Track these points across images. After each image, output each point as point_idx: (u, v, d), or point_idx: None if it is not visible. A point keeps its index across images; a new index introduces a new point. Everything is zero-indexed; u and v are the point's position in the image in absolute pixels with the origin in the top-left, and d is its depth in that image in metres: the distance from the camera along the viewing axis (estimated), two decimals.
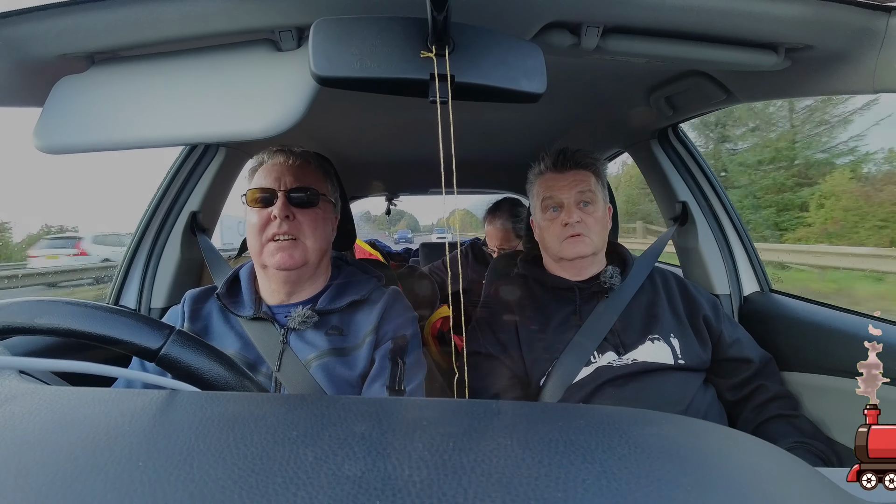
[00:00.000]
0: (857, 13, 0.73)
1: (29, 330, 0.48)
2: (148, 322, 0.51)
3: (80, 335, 0.48)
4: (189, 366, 0.49)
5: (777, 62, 0.83)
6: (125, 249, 1.40)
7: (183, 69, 0.70)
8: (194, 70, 0.69)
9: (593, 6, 0.71)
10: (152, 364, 0.49)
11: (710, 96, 1.16)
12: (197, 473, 0.29)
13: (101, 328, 0.49)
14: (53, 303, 0.50)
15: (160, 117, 0.67)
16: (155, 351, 0.49)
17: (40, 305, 0.49)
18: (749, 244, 1.49)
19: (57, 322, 0.48)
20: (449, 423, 0.36)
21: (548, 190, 1.13)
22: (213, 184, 1.43)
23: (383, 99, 1.37)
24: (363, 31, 0.57)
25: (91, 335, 0.48)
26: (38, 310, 0.49)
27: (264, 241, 0.92)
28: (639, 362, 1.03)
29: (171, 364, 0.49)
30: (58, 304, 0.49)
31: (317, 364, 0.90)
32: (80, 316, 0.49)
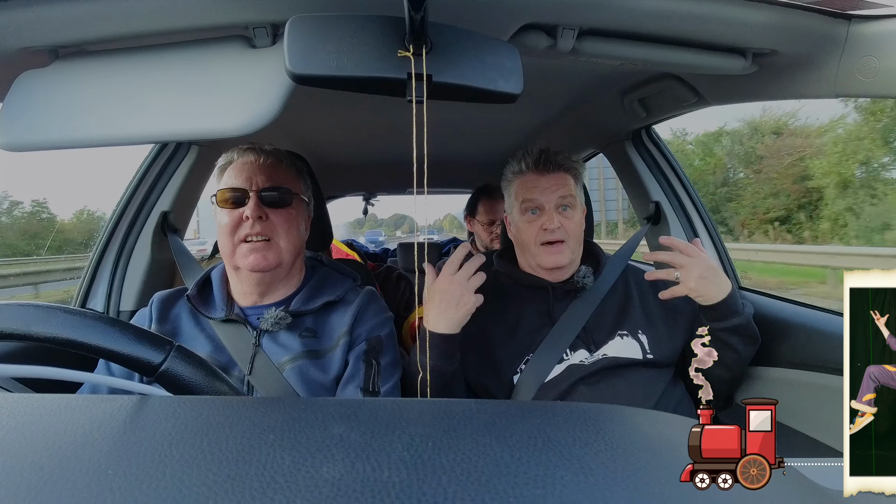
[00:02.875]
0: (820, 20, 0.76)
1: (24, 337, 0.46)
2: (149, 336, 0.49)
3: (77, 346, 0.46)
4: (189, 383, 0.48)
5: (745, 66, 0.86)
6: (92, 250, 1.35)
7: (153, 65, 0.68)
8: (165, 66, 0.68)
9: (569, 9, 0.72)
10: (119, 367, 0.48)
11: (682, 99, 1.19)
12: (170, 480, 0.28)
13: (100, 340, 0.47)
14: (51, 310, 0.47)
15: (129, 114, 0.65)
16: (156, 366, 0.47)
17: (37, 312, 0.47)
18: (719, 243, 1.53)
19: (54, 331, 0.46)
20: (428, 423, 0.36)
21: (528, 192, 1.12)
22: (184, 183, 1.40)
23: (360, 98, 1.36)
24: (340, 29, 0.56)
25: (90, 347, 0.46)
26: (35, 317, 0.47)
27: (236, 242, 0.90)
28: (608, 357, 1.05)
29: (170, 380, 0.48)
30: (56, 311, 0.47)
31: (290, 367, 0.89)
32: (80, 326, 0.47)
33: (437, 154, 2.33)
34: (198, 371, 0.49)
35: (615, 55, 0.82)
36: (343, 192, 3.12)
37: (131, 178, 1.37)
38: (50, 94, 0.67)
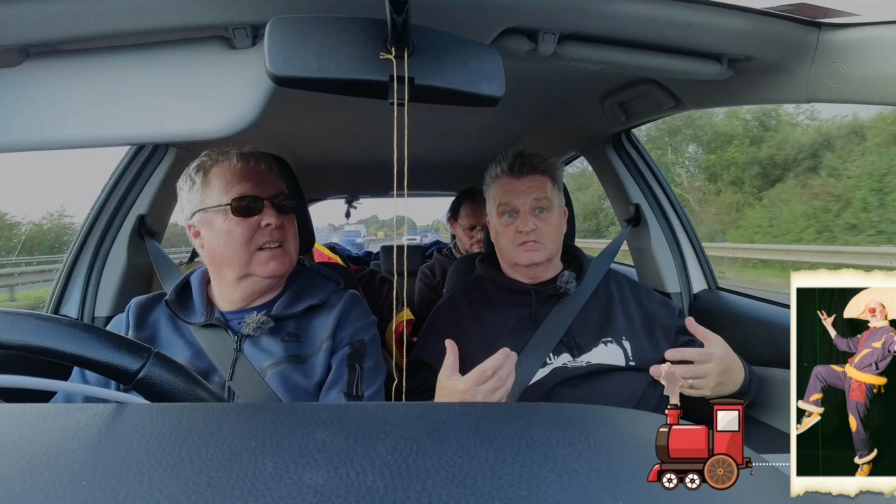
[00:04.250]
0: (792, 28, 0.78)
1: None
2: (126, 343, 0.48)
3: (52, 354, 0.45)
4: (168, 390, 0.47)
5: (721, 72, 0.88)
6: (66, 255, 1.32)
7: (130, 66, 0.66)
8: (142, 67, 0.66)
9: (550, 13, 0.73)
10: (94, 375, 0.47)
11: (660, 103, 1.21)
12: (147, 490, 0.27)
13: (75, 348, 0.45)
14: (23, 317, 0.46)
15: (105, 116, 0.64)
16: (133, 373, 0.46)
17: (8, 319, 0.45)
18: (697, 244, 1.57)
19: (26, 339, 0.44)
20: (412, 427, 0.36)
21: (504, 195, 1.13)
22: (162, 186, 1.37)
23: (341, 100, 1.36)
24: (321, 30, 0.56)
25: (65, 355, 0.45)
26: (6, 324, 0.45)
27: (253, 250, 0.89)
28: (592, 364, 1.06)
29: (148, 388, 0.47)
30: (28, 318, 0.46)
31: (272, 372, 0.87)
32: (54, 334, 0.45)
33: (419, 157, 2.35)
34: (177, 378, 0.48)
35: (595, 60, 0.83)
36: (325, 194, 3.10)
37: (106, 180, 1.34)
38: (21, 95, 0.65)
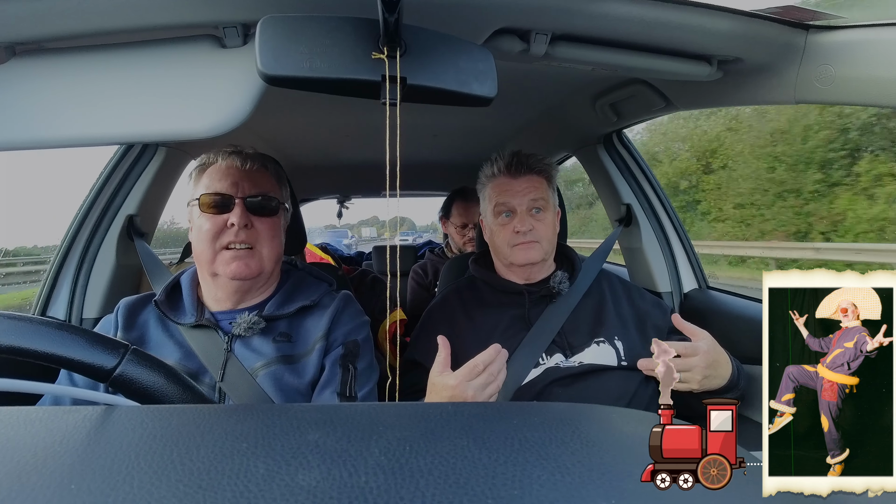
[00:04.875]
0: (780, 30, 0.79)
1: None
2: (101, 340, 0.47)
3: (23, 354, 0.44)
4: (147, 387, 0.46)
5: (710, 73, 0.89)
6: (53, 255, 1.30)
7: (119, 64, 0.66)
8: (131, 65, 0.66)
9: (542, 14, 0.73)
10: (84, 378, 0.46)
11: (651, 104, 1.22)
12: (137, 493, 0.27)
13: (47, 346, 0.44)
14: None
15: (93, 115, 0.63)
16: (109, 371, 0.45)
17: None
18: (688, 244, 1.58)
19: None
20: (405, 427, 0.36)
21: (501, 195, 1.13)
22: (151, 185, 1.35)
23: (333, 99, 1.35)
24: (313, 30, 0.55)
25: (37, 353, 0.44)
26: None
27: (218, 248, 0.88)
28: (585, 364, 1.06)
29: (126, 385, 0.46)
30: (0, 318, 0.45)
31: (264, 373, 0.87)
32: (25, 332, 0.44)
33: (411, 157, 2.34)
34: (156, 374, 0.47)
35: (587, 60, 0.84)
36: (316, 194, 3.09)
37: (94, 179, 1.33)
38: (6, 94, 0.64)
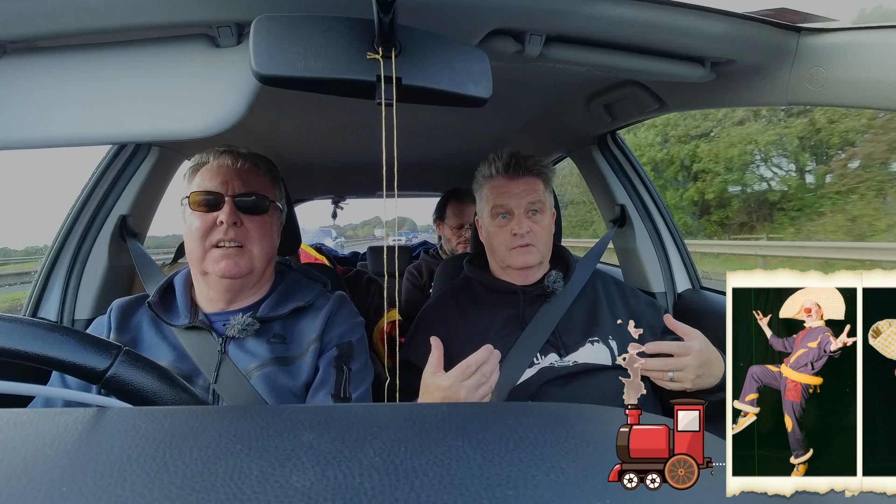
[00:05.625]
0: (772, 32, 0.80)
1: None
2: (93, 341, 0.47)
3: (14, 355, 0.44)
4: (140, 388, 0.46)
5: (704, 75, 0.90)
6: (45, 256, 1.28)
7: (112, 63, 0.65)
8: (124, 65, 0.65)
9: (537, 15, 0.73)
10: (75, 379, 0.45)
11: (645, 105, 1.22)
12: (129, 495, 0.27)
13: (39, 347, 0.44)
14: None
15: (85, 114, 0.63)
16: (101, 372, 0.45)
17: None
18: (681, 244, 1.59)
19: None
20: (400, 428, 0.36)
21: (498, 197, 1.13)
22: (144, 186, 1.34)
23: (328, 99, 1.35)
24: (307, 29, 0.55)
25: (28, 355, 0.44)
26: None
27: (207, 246, 0.87)
28: (579, 364, 1.06)
29: (119, 386, 0.45)
30: None
31: (258, 374, 0.86)
32: (15, 333, 0.44)
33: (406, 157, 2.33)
34: (149, 376, 0.47)
35: (581, 61, 0.84)
36: (311, 195, 3.08)
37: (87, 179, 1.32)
38: None
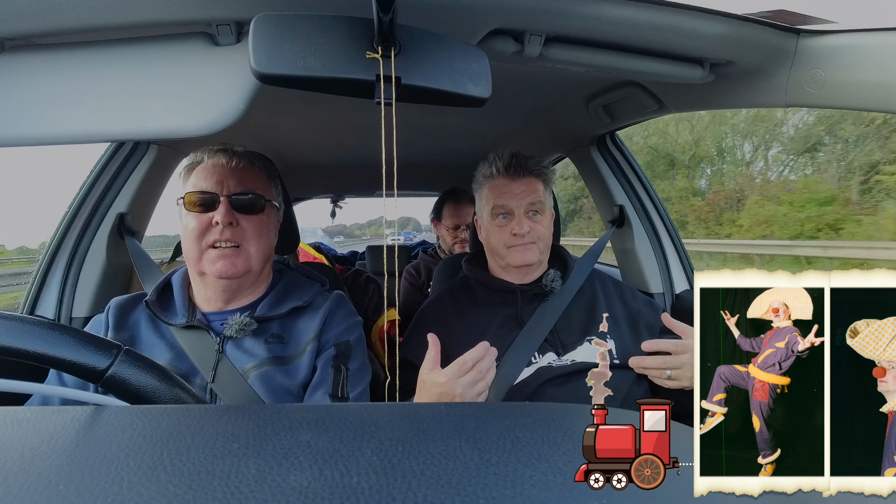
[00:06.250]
0: (771, 33, 0.80)
1: None
2: (93, 340, 0.46)
3: (15, 354, 0.43)
4: (139, 388, 0.46)
5: (703, 76, 0.90)
6: (42, 254, 1.28)
7: (110, 61, 0.65)
8: (123, 62, 0.65)
9: (536, 15, 0.73)
10: (72, 377, 0.45)
11: (644, 106, 1.23)
12: (127, 493, 0.27)
13: (39, 346, 0.44)
14: None
15: (84, 112, 0.62)
16: (101, 371, 0.45)
17: None
18: (680, 245, 1.59)
19: None
20: (397, 428, 0.36)
21: (499, 197, 1.13)
22: (143, 184, 1.34)
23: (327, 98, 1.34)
24: (307, 28, 0.55)
25: (28, 353, 0.44)
26: None
27: (204, 247, 0.87)
28: (577, 363, 1.06)
29: (118, 386, 0.45)
30: None
31: (255, 374, 0.86)
32: (16, 332, 0.44)
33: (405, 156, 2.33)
34: (149, 375, 0.47)
35: (581, 62, 0.84)
36: (310, 194, 3.07)
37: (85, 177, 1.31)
38: None
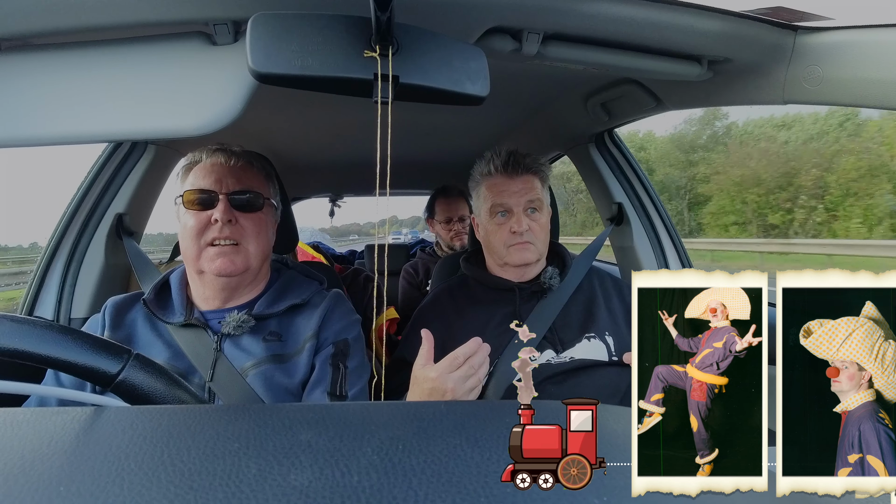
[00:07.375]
0: (769, 31, 0.80)
1: None
2: (105, 345, 0.46)
3: (27, 357, 0.43)
4: (148, 392, 0.46)
5: (701, 73, 0.90)
6: (41, 254, 1.28)
7: (108, 61, 0.65)
8: (121, 62, 0.65)
9: (534, 13, 0.73)
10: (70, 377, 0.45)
11: (642, 103, 1.23)
12: (128, 495, 0.27)
13: (52, 350, 0.44)
14: None
15: (81, 112, 0.62)
16: (112, 376, 0.45)
17: None
18: (678, 243, 1.59)
19: (1, 341, 0.43)
20: (397, 426, 0.36)
21: (497, 195, 1.13)
22: (141, 184, 1.34)
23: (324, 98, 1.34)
24: (304, 27, 0.55)
25: (41, 357, 0.44)
26: None
27: (203, 245, 0.87)
28: (576, 360, 1.07)
29: (128, 390, 0.46)
30: (1, 320, 0.44)
31: (254, 372, 0.86)
32: (29, 336, 0.44)
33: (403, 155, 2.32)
34: (158, 380, 0.47)
35: (578, 60, 0.84)
36: (308, 193, 3.07)
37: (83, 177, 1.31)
38: None
